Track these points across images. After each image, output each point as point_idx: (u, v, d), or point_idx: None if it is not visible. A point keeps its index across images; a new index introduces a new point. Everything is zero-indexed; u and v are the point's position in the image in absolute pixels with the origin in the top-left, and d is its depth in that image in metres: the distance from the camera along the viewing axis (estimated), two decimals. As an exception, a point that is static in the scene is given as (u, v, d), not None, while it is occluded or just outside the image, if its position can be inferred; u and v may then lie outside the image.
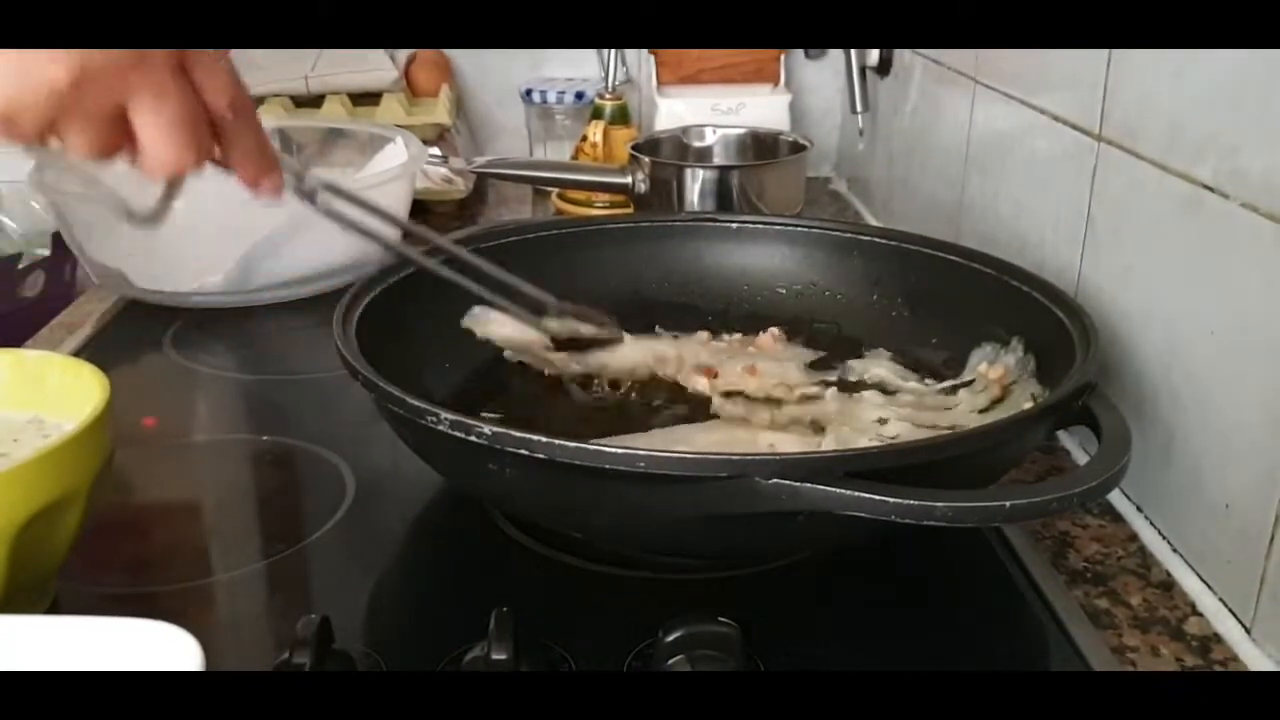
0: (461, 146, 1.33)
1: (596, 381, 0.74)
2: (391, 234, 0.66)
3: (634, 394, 0.74)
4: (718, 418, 0.70)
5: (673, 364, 0.74)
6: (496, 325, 0.72)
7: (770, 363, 0.76)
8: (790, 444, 0.65)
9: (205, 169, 0.47)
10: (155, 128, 0.42)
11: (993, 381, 0.69)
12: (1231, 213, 0.57)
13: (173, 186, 0.49)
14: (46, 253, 1.53)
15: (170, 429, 0.78)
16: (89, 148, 0.42)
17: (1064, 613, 0.56)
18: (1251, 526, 0.55)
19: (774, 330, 0.80)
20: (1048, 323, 0.65)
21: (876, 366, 0.76)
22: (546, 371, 0.73)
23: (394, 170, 0.98)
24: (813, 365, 0.77)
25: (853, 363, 0.77)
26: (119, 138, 0.43)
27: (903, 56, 1.14)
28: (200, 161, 0.45)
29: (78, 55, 0.39)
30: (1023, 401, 0.65)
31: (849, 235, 0.81)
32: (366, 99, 1.32)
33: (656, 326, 0.81)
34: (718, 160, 1.17)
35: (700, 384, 0.73)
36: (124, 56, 0.40)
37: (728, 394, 0.72)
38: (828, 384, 0.74)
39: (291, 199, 0.54)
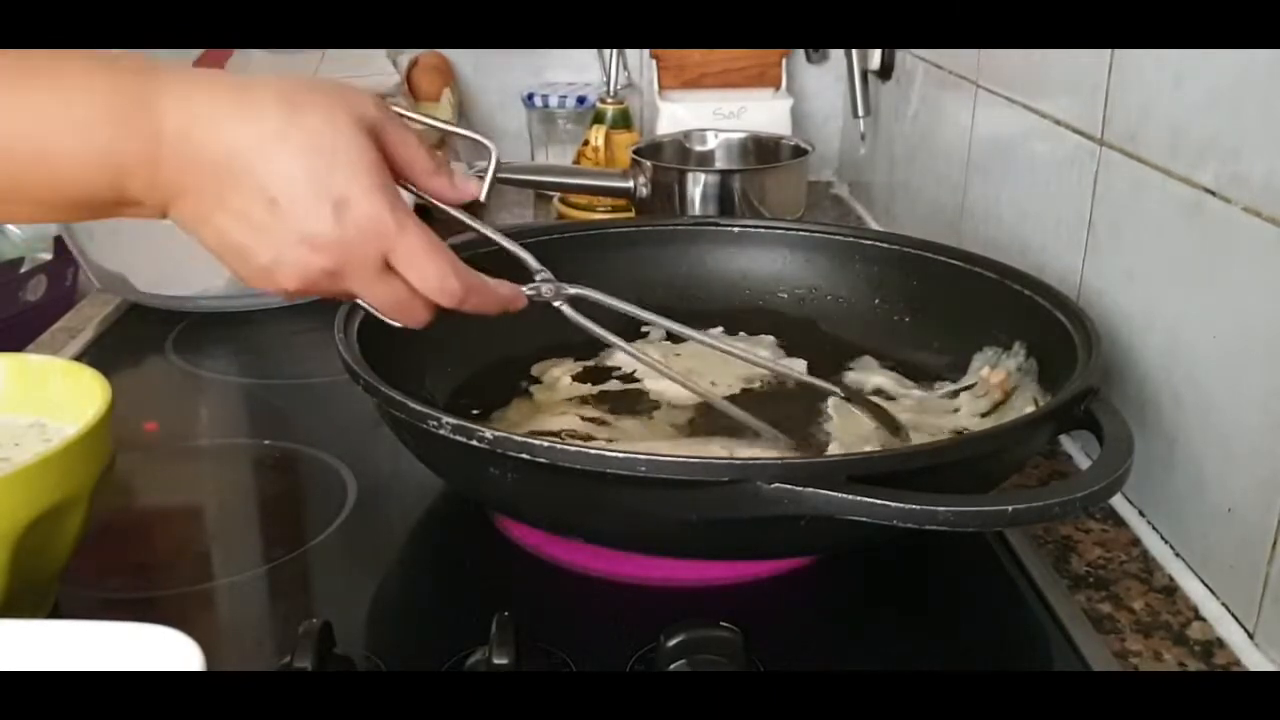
0: (463, 151, 1.33)
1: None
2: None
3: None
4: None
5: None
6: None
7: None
8: (744, 448, 0.65)
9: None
10: (379, 310, 0.53)
11: (994, 385, 0.69)
12: (1233, 217, 0.56)
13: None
14: (48, 257, 1.53)
15: (172, 433, 0.78)
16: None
17: (1066, 617, 0.56)
18: (1254, 531, 0.55)
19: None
20: (1050, 327, 0.65)
21: (877, 373, 0.76)
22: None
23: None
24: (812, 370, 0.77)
25: (853, 368, 0.77)
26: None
27: (904, 60, 1.14)
28: (431, 321, 0.54)
29: (318, 261, 0.49)
30: (1025, 406, 0.65)
31: (850, 239, 0.81)
32: (368, 103, 1.31)
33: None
34: (719, 164, 1.17)
35: None
36: (328, 274, 0.50)
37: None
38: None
39: None
